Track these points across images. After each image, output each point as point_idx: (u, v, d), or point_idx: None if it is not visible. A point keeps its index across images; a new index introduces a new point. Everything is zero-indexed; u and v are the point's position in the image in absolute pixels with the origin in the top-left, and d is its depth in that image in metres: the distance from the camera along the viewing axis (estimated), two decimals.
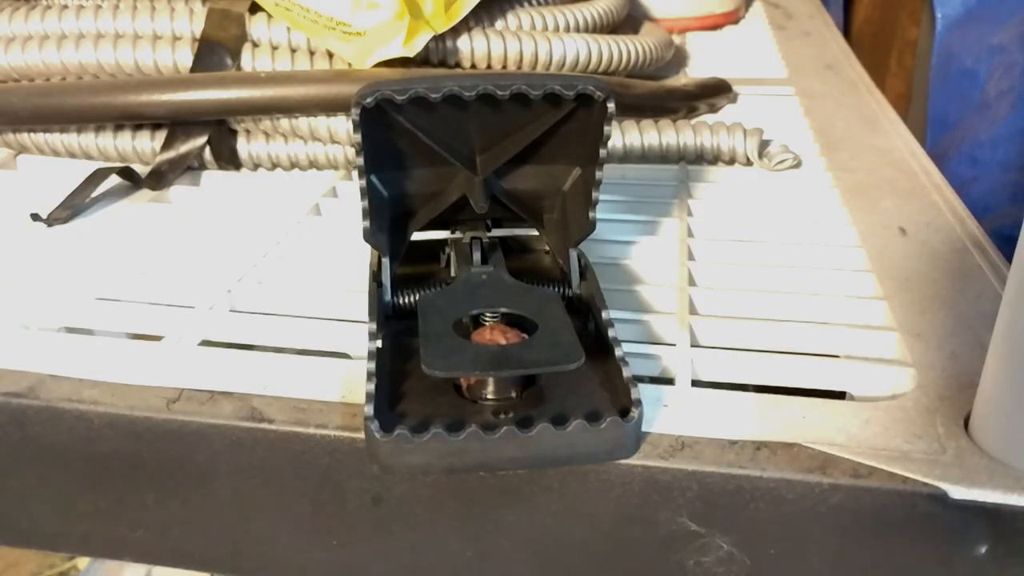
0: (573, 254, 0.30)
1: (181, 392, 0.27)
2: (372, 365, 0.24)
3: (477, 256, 0.29)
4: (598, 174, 0.27)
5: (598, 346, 0.27)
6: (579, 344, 0.24)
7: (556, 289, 0.30)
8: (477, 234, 0.31)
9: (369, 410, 0.23)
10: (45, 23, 0.44)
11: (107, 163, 0.44)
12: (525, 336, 0.25)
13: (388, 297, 0.28)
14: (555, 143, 0.29)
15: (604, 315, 0.27)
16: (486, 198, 0.29)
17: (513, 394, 0.25)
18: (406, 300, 0.29)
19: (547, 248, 0.33)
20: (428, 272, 0.31)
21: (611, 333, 0.26)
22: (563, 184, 0.30)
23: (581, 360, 0.23)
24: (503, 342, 0.25)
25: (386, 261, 0.28)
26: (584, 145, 0.28)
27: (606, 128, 0.26)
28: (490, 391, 0.25)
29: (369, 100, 0.25)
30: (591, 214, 0.28)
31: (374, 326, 0.26)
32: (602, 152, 0.27)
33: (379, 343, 0.26)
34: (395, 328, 0.28)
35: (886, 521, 0.24)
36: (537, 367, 0.24)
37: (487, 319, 0.26)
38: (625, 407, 0.24)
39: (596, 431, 0.23)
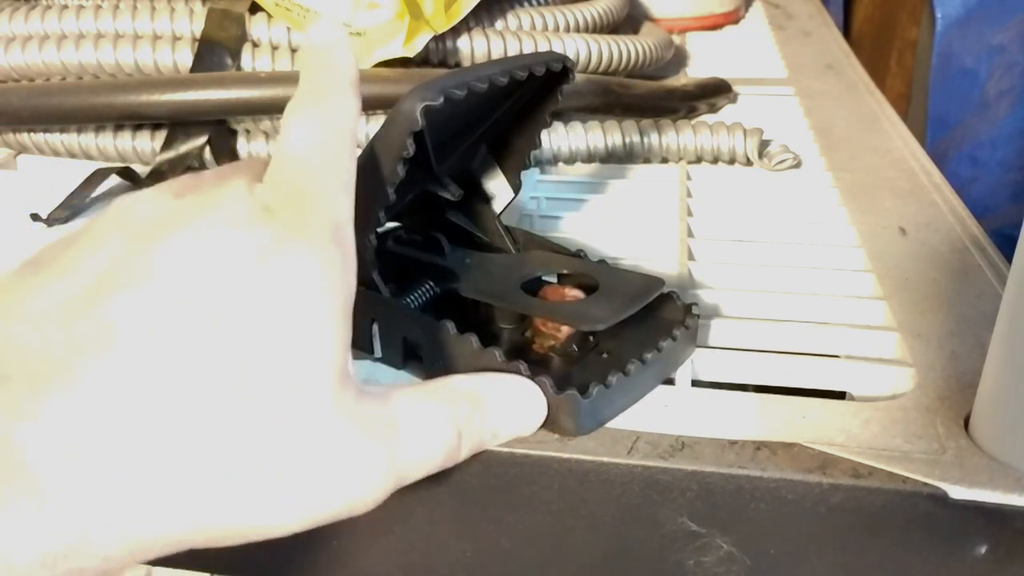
0: (497, 223, 0.31)
1: None
2: (498, 352, 0.25)
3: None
4: (538, 139, 0.30)
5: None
6: (649, 275, 0.28)
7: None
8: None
9: (546, 384, 0.24)
10: (45, 23, 0.44)
11: (107, 163, 0.44)
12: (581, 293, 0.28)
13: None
14: (503, 119, 0.30)
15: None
16: (456, 186, 0.30)
17: (574, 346, 0.28)
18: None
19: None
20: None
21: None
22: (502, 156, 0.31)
23: (600, 327, 0.26)
24: (578, 295, 0.28)
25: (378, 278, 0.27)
26: (533, 118, 0.30)
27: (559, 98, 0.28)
28: (560, 342, 0.27)
29: (435, 100, 0.24)
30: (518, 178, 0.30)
31: (451, 326, 0.25)
32: (548, 119, 0.29)
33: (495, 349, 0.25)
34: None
35: (886, 521, 0.24)
36: (642, 299, 0.27)
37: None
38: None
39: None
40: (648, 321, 0.28)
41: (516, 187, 0.31)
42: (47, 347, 0.17)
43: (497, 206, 0.32)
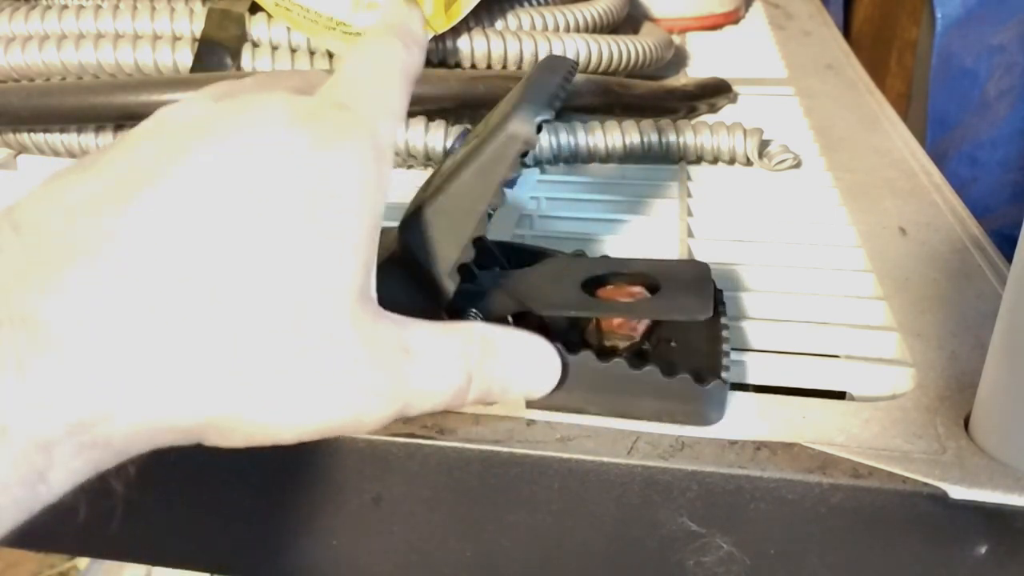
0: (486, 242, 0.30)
1: None
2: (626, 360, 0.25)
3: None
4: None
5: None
6: (708, 299, 0.26)
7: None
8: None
9: (677, 376, 0.25)
10: (45, 23, 0.44)
11: None
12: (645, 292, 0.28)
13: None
14: None
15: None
16: None
17: (647, 344, 0.28)
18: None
19: None
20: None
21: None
22: None
23: (709, 312, 0.25)
24: (643, 292, 0.28)
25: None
26: None
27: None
28: (636, 340, 0.27)
29: (548, 113, 0.23)
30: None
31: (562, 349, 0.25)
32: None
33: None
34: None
35: (886, 521, 0.24)
36: (709, 282, 0.27)
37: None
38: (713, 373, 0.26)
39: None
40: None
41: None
42: (76, 232, 0.17)
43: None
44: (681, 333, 0.28)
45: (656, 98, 0.48)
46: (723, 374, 0.25)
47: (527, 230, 0.39)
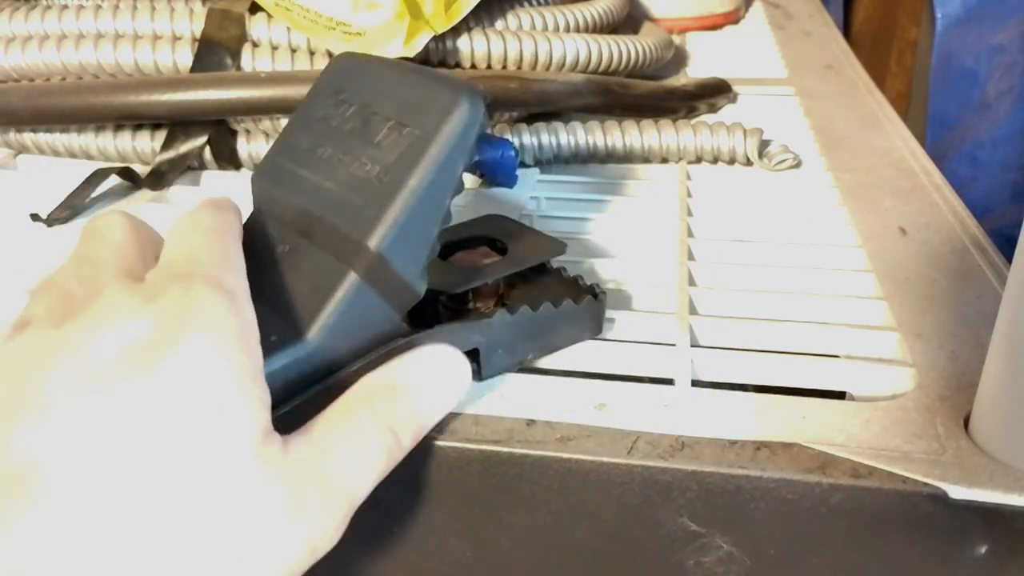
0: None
1: None
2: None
3: None
4: None
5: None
6: (556, 239, 0.30)
7: None
8: None
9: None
10: (45, 23, 0.44)
11: (107, 163, 0.44)
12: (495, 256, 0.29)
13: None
14: None
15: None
16: None
17: (492, 303, 0.29)
18: None
19: None
20: None
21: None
22: None
23: (564, 248, 0.29)
24: (489, 260, 0.29)
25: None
26: None
27: None
28: (477, 303, 0.28)
29: (486, 96, 0.23)
30: None
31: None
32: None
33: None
34: None
35: (886, 521, 0.24)
36: (535, 260, 0.29)
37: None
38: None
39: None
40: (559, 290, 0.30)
41: None
42: None
43: None
44: (524, 280, 0.30)
45: (656, 98, 0.48)
46: (598, 290, 0.29)
47: None
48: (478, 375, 0.27)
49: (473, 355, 0.26)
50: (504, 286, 0.29)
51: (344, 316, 0.23)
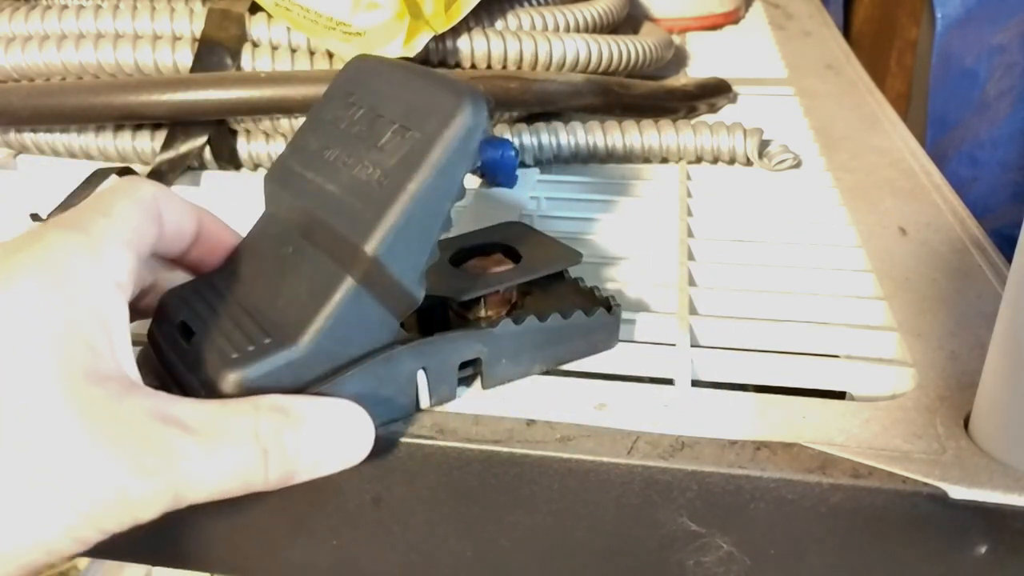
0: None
1: None
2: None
3: None
4: None
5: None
6: (572, 249, 0.29)
7: None
8: None
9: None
10: (45, 23, 0.44)
11: (107, 163, 0.44)
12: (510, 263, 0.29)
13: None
14: None
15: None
16: None
17: (504, 311, 0.28)
18: None
19: None
20: None
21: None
22: None
23: (579, 258, 0.29)
24: (501, 267, 0.29)
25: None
26: None
27: None
28: (487, 311, 0.28)
29: (489, 101, 0.23)
30: None
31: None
32: None
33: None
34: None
35: (886, 521, 0.24)
36: (548, 270, 0.29)
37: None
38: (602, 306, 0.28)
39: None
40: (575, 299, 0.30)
41: None
42: None
43: None
44: (540, 289, 0.30)
45: (656, 98, 0.48)
46: (612, 303, 0.28)
47: None
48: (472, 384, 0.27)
49: (476, 364, 0.26)
50: (518, 295, 0.29)
51: (340, 321, 0.23)
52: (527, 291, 0.29)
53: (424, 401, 0.26)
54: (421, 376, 0.25)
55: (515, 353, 0.27)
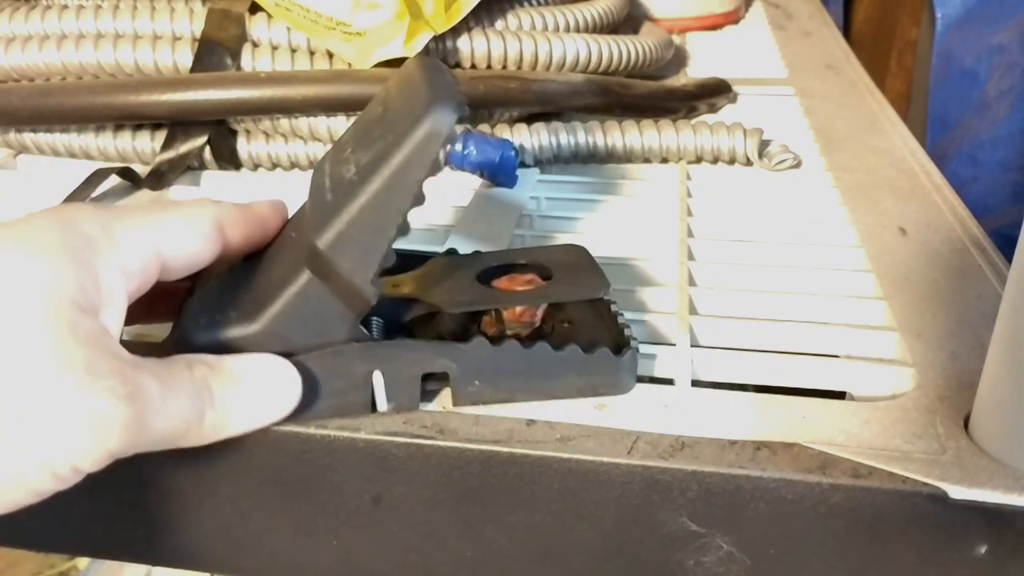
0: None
1: None
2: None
3: None
4: None
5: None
6: (602, 277, 0.27)
7: None
8: None
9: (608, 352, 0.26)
10: (45, 23, 0.44)
11: (107, 163, 0.44)
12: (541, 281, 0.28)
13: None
14: None
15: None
16: None
17: (549, 328, 0.28)
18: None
19: None
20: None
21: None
22: None
23: (608, 288, 0.27)
24: (538, 279, 0.28)
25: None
26: None
27: None
28: (536, 326, 0.28)
29: (461, 109, 0.23)
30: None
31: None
32: None
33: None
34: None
35: (886, 521, 0.24)
36: (560, 298, 0.27)
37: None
38: (619, 345, 0.26)
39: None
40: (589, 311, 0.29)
41: None
42: None
43: None
44: (573, 315, 0.29)
45: (656, 98, 0.48)
46: (632, 343, 0.26)
47: (527, 230, 0.39)
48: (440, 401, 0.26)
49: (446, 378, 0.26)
50: (549, 319, 0.28)
51: (295, 308, 0.24)
52: (568, 319, 0.28)
53: (380, 404, 0.26)
54: (378, 378, 0.25)
55: (492, 376, 0.26)
